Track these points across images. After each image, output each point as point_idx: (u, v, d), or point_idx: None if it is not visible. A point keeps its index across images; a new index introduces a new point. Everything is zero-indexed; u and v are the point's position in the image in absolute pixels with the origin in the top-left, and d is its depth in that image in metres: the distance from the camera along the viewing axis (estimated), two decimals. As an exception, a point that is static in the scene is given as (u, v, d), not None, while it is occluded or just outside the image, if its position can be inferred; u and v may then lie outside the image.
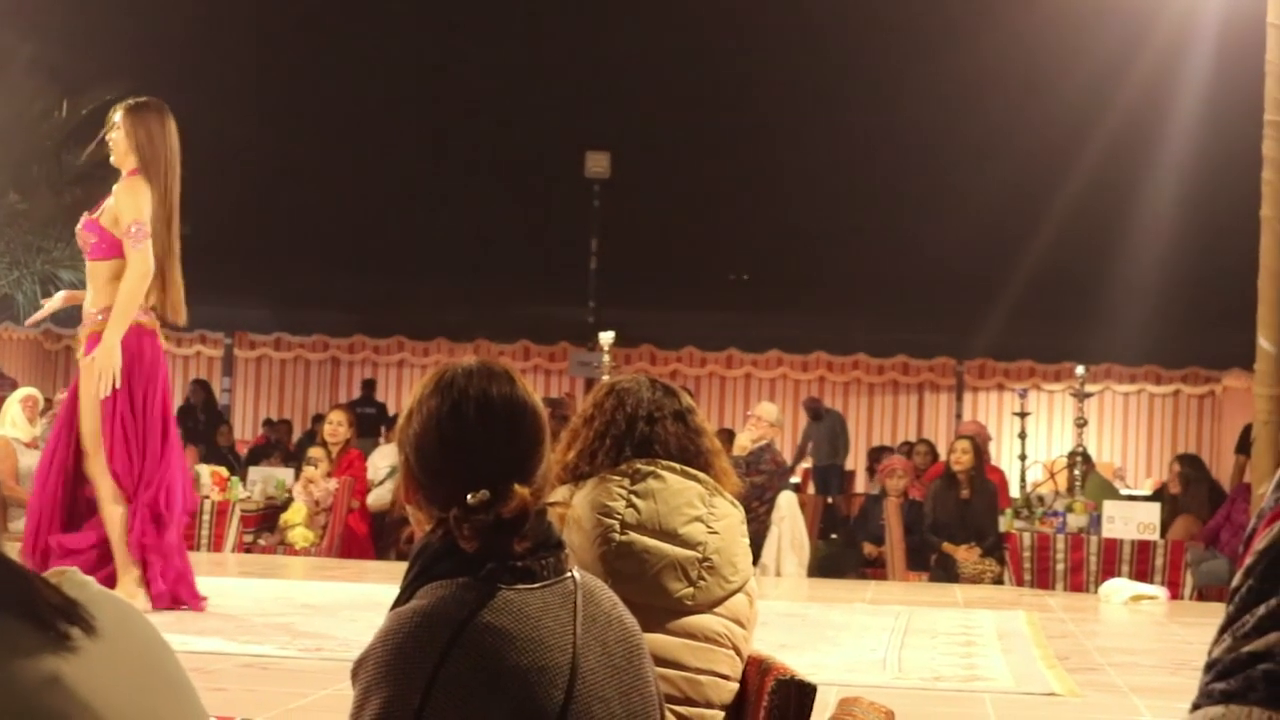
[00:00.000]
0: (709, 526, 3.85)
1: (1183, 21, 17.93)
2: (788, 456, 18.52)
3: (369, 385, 23.41)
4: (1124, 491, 18.11)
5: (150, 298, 9.01)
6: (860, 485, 21.51)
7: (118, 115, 9.11)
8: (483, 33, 25.38)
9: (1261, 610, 1.84)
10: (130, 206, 8.93)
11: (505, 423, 2.63)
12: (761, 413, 14.01)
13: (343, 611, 9.41)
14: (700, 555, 3.82)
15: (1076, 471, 14.27)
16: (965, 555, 13.77)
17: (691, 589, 3.81)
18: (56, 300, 9.67)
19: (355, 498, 14.32)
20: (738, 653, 3.84)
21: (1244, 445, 14.85)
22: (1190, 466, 15.31)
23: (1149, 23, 19.00)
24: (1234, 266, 14.92)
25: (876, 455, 19.24)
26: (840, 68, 24.07)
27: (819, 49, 24.18)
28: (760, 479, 13.27)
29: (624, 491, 3.84)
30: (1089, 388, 15.21)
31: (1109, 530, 13.33)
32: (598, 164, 24.26)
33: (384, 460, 14.99)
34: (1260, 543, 1.89)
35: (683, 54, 24.68)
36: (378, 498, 14.66)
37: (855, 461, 22.45)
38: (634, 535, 3.80)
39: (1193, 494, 14.66)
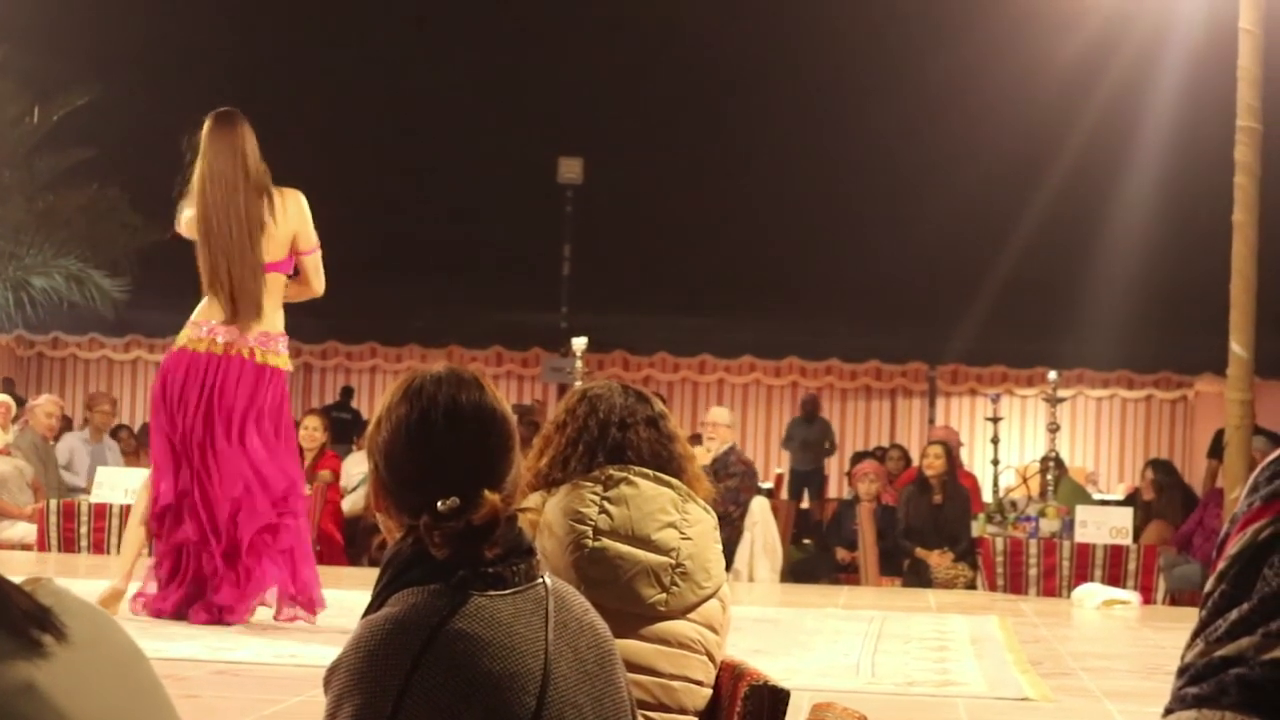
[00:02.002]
0: (682, 532, 3.84)
1: (1156, 27, 17.98)
2: (759, 459, 18.50)
3: (347, 392, 23.34)
4: (1097, 496, 18.14)
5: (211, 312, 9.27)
6: (834, 491, 21.52)
7: None
8: (456, 38, 25.37)
9: (1234, 615, 1.84)
10: None
11: (474, 429, 2.62)
12: (715, 419, 14.06)
13: (316, 618, 9.37)
14: (673, 561, 3.82)
15: (1049, 476, 14.28)
16: (938, 560, 13.78)
17: (664, 595, 3.80)
18: None
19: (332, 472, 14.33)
20: (711, 658, 3.83)
21: (1216, 450, 14.88)
22: (1163, 472, 15.33)
23: (1122, 28, 19.05)
24: (1206, 272, 14.96)
25: (859, 460, 19.20)
26: (812, 75, 24.11)
27: (791, 56, 24.21)
28: (733, 482, 13.27)
29: (597, 498, 3.83)
30: (1061, 393, 15.21)
31: (1082, 535, 13.33)
32: (570, 170, 24.26)
33: (357, 467, 14.95)
34: (1233, 548, 1.89)
35: (655, 61, 24.69)
36: (351, 504, 14.61)
37: (830, 467, 22.45)
38: (607, 541, 3.79)
39: (1166, 499, 14.69)
